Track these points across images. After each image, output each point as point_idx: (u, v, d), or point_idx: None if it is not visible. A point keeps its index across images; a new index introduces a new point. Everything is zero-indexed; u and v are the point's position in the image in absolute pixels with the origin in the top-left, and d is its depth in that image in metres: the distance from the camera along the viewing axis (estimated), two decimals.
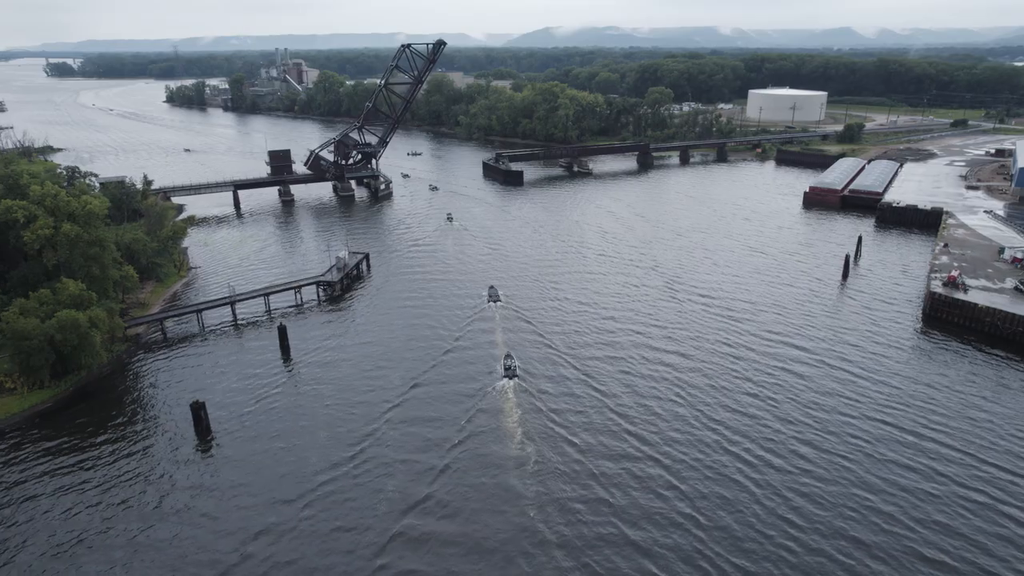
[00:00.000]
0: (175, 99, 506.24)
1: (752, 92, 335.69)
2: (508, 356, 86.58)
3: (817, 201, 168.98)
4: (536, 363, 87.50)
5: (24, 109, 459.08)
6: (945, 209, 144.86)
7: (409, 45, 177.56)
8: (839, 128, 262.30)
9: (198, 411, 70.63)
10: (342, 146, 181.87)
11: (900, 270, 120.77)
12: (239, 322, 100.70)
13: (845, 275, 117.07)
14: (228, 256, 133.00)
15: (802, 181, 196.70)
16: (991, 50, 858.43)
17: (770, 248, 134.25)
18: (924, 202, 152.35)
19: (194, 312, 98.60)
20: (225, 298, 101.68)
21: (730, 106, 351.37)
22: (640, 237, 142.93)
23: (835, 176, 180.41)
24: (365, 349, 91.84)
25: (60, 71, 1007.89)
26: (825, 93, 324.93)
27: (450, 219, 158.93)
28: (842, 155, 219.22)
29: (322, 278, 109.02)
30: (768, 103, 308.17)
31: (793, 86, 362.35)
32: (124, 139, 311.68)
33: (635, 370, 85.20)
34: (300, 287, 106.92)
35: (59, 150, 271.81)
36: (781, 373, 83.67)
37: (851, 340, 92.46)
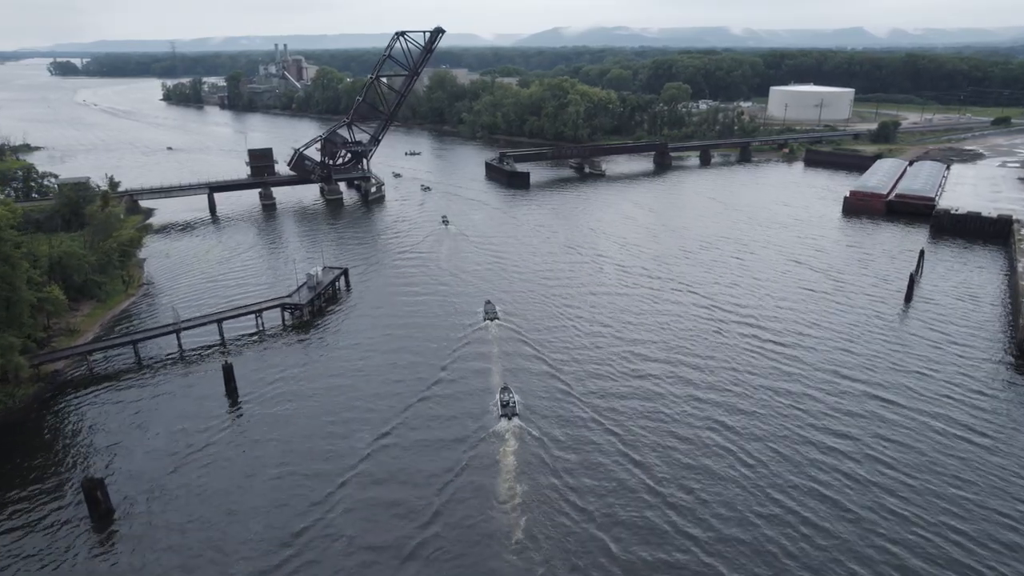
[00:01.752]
0: (172, 97, 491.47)
1: (774, 89, 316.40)
2: (505, 389, 70.69)
3: (860, 207, 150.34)
4: (542, 400, 71.10)
5: (16, 107, 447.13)
6: (1015, 217, 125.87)
7: (404, 32, 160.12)
8: (871, 127, 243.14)
9: (92, 490, 53.17)
10: (329, 144, 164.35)
11: (974, 291, 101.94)
12: (185, 354, 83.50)
13: (909, 297, 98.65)
14: (190, 269, 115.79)
15: (837, 184, 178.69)
16: (1012, 48, 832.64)
17: (816, 261, 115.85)
18: (987, 209, 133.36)
19: (128, 344, 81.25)
20: (168, 326, 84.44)
21: (749, 104, 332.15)
22: (665, 247, 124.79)
23: (878, 179, 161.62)
24: (331, 386, 74.89)
25: (64, 70, 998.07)
26: (852, 90, 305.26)
27: (446, 222, 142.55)
28: (879, 156, 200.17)
29: (287, 300, 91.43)
30: (792, 100, 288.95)
31: (815, 83, 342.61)
32: (108, 137, 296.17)
33: (671, 415, 68.19)
34: (261, 311, 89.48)
35: (37, 148, 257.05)
36: (858, 426, 65.64)
37: (934, 382, 74.17)
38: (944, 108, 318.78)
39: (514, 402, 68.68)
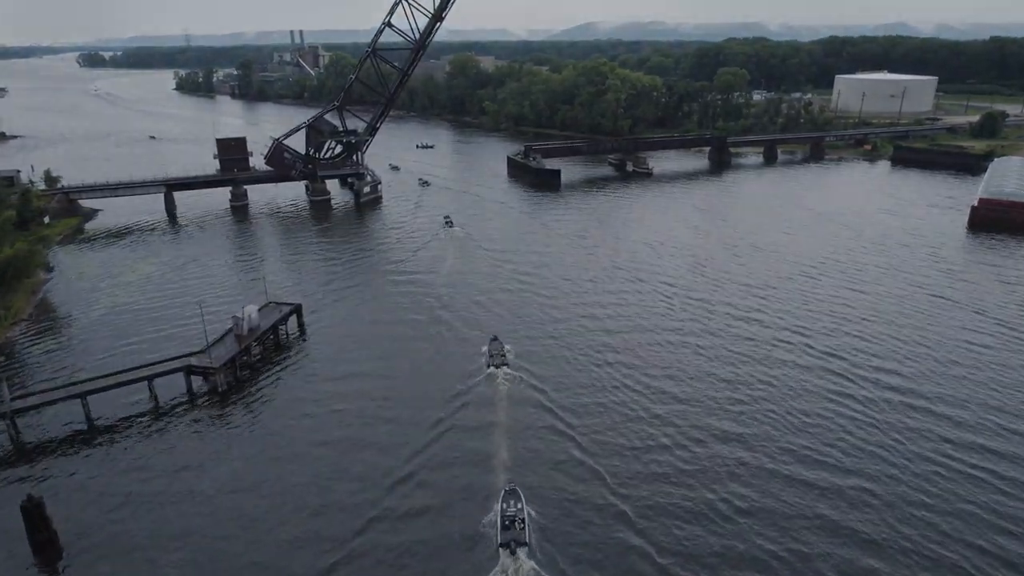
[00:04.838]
0: (183, 86, 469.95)
1: (839, 77, 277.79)
2: (511, 494, 44.10)
3: (994, 219, 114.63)
4: (572, 518, 43.11)
5: (26, 95, 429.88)
6: None
7: None
8: (970, 119, 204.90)
9: None
10: (315, 133, 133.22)
11: None
12: (26, 445, 53.20)
13: None
14: (104, 296, 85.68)
15: (941, 188, 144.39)
16: None
17: (968, 297, 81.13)
18: None
19: None
20: None
21: (809, 95, 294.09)
22: (753, 272, 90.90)
23: (1015, 183, 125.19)
24: (229, 514, 44.92)
25: (92, 62, 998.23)
26: (935, 78, 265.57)
27: (448, 223, 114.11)
28: (989, 153, 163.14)
29: (193, 361, 59.89)
30: (865, 89, 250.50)
31: (887, 72, 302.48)
32: (96, 126, 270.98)
33: (800, 568, 36.40)
34: (153, 377, 58.35)
35: (14, 137, 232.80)
36: None
37: None
38: None
39: (524, 519, 40.63)
